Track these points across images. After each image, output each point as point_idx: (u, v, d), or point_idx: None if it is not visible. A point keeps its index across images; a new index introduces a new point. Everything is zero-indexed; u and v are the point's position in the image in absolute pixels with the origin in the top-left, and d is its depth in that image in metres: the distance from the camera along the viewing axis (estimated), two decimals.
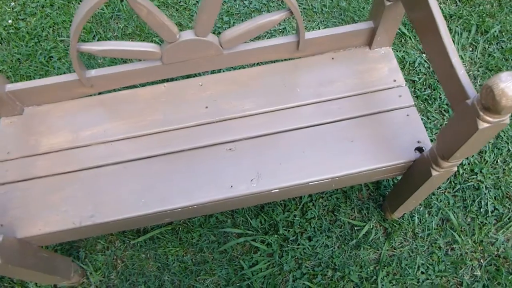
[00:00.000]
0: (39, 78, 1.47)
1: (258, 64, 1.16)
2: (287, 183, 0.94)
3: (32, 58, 1.53)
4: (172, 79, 1.08)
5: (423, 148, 0.96)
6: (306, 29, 1.57)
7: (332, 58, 1.08)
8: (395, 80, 1.05)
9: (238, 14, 1.62)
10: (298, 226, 1.23)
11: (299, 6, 1.61)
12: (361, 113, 1.01)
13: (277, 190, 0.94)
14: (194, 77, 1.08)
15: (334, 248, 1.21)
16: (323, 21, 1.58)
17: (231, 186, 0.94)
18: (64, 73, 1.49)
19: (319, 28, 1.56)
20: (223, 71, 1.10)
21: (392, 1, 0.94)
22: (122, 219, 0.92)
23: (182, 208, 0.93)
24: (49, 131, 1.03)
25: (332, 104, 1.02)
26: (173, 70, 1.03)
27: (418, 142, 0.97)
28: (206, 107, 1.03)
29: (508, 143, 1.33)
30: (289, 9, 0.92)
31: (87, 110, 1.06)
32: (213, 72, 1.08)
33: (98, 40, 1.56)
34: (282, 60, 1.09)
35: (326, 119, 1.00)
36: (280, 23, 1.58)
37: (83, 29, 1.58)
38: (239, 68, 1.25)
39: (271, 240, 1.21)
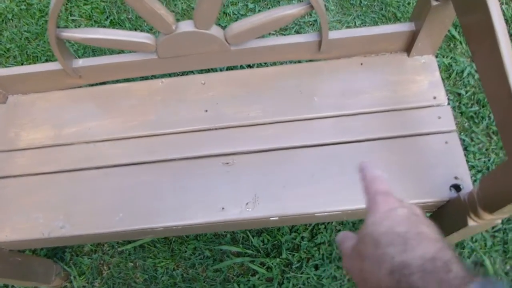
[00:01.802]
0: (45, 59, 1.37)
1: (272, 64, 1.00)
2: (289, 211, 0.78)
3: (41, 37, 1.43)
4: (171, 75, 0.94)
5: (461, 187, 0.78)
6: (340, 23, 1.38)
7: (361, 64, 0.91)
8: (435, 98, 0.86)
9: (265, 1, 1.45)
10: (304, 251, 1.08)
11: None
12: (389, 134, 0.83)
13: (276, 218, 0.79)
14: (196, 73, 0.93)
15: (343, 281, 1.05)
16: (360, 15, 1.39)
17: (223, 208, 0.79)
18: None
19: (355, 24, 1.37)
20: (231, 70, 0.94)
21: (440, 1, 0.75)
22: (94, 234, 0.80)
23: (164, 228, 0.80)
24: (31, 124, 0.92)
25: (354, 120, 0.85)
26: (171, 65, 0.89)
27: (456, 178, 0.79)
28: (206, 111, 0.89)
29: None
30: (309, 3, 0.75)
31: (74, 103, 0.94)
32: (219, 69, 0.93)
33: (111, 22, 1.44)
34: (301, 62, 0.93)
35: (344, 138, 0.84)
36: (310, 15, 1.40)
37: (96, 8, 1.46)
38: (250, 67, 1.10)
39: (272, 263, 1.06)
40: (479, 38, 0.65)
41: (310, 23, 1.40)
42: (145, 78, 0.95)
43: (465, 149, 1.16)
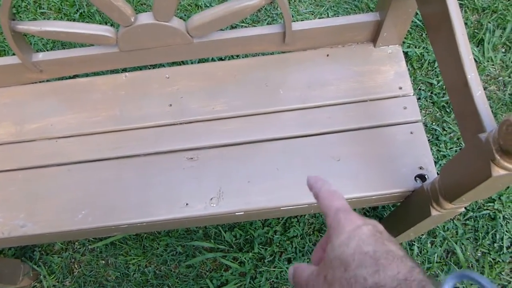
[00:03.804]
0: (13, 54, 1.33)
1: (238, 56, 0.99)
2: (254, 205, 0.77)
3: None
4: (135, 68, 0.92)
5: (426, 177, 0.78)
6: (312, 15, 1.37)
7: (327, 55, 0.90)
8: (401, 88, 0.86)
9: None
10: (277, 244, 1.07)
11: None
12: (354, 125, 0.83)
13: (242, 212, 0.78)
14: (161, 67, 0.92)
15: None
16: (333, 6, 1.38)
17: (187, 204, 0.78)
18: (41, 50, 1.35)
19: (328, 15, 1.36)
20: (197, 63, 0.93)
21: None
22: (56, 232, 0.79)
23: (128, 224, 0.79)
24: None
25: (320, 112, 0.84)
26: (133, 58, 0.87)
27: (421, 168, 0.78)
28: (170, 105, 0.87)
29: None
30: None
31: (36, 99, 0.91)
32: (183, 62, 0.91)
33: (80, 15, 1.41)
34: (268, 54, 0.91)
35: (309, 130, 0.83)
36: None
37: (66, 1, 1.43)
38: (221, 60, 1.08)
39: (245, 258, 1.06)
40: (437, 27, 0.64)
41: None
42: (109, 72, 0.92)
43: (436, 138, 1.16)
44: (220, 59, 1.12)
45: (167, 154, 0.83)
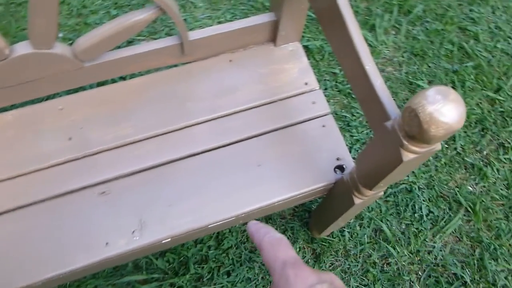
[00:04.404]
0: None
1: (140, 73, 0.93)
2: (179, 229, 0.73)
3: None
4: (23, 104, 0.82)
5: (344, 167, 0.79)
6: (210, 19, 1.35)
7: (230, 61, 0.88)
8: (306, 83, 0.86)
9: (129, 6, 1.36)
10: (213, 260, 1.04)
11: None
12: (268, 128, 0.82)
13: (168, 239, 0.74)
14: (51, 99, 0.83)
15: (258, 280, 1.03)
16: (229, 9, 1.37)
17: (107, 243, 0.72)
18: None
19: (226, 19, 1.35)
20: (91, 88, 0.85)
21: None
22: None
23: (43, 281, 0.70)
24: None
25: (232, 120, 0.82)
26: (17, 94, 0.77)
27: (338, 159, 0.80)
28: (70, 139, 0.79)
29: None
30: (159, 5, 0.69)
31: None
32: (76, 90, 0.84)
33: None
34: (169, 67, 0.87)
35: (225, 140, 0.80)
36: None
37: None
38: (117, 81, 1.02)
39: (183, 281, 1.01)
40: (330, 22, 0.65)
41: None
42: None
43: (347, 124, 1.20)
44: (122, 78, 1.05)
45: (75, 193, 0.75)
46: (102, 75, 0.81)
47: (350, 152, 1.16)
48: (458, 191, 1.15)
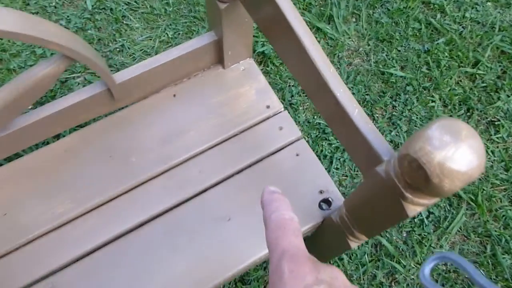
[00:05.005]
0: None
1: (69, 130, 0.78)
2: None
3: None
4: None
5: (330, 199, 0.67)
6: (151, 40, 1.19)
7: (174, 96, 0.74)
8: (268, 106, 0.73)
9: None
10: None
11: (135, 10, 1.23)
12: (232, 169, 0.68)
13: None
14: None
15: None
16: (170, 24, 1.22)
17: None
18: None
19: (167, 36, 1.20)
20: (8, 161, 0.70)
21: (228, 2, 0.61)
22: None
23: None
24: None
25: (187, 168, 0.68)
26: None
27: (321, 192, 0.67)
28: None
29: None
30: (64, 54, 0.55)
31: None
32: None
33: None
34: (109, 114, 0.72)
35: (183, 194, 0.66)
36: (115, 40, 1.18)
37: None
38: (41, 146, 0.86)
39: None
40: (277, 34, 0.52)
41: (118, 49, 1.18)
42: None
43: (323, 132, 1.08)
44: (46, 142, 0.89)
45: None
46: (19, 144, 0.66)
47: (331, 163, 1.04)
48: None
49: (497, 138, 1.10)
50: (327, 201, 0.67)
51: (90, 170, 0.68)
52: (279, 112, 0.73)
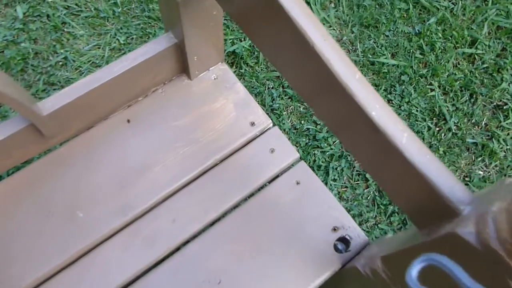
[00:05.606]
0: None
1: None
2: None
3: None
4: None
5: (348, 237, 0.51)
6: (99, 48, 1.00)
7: (128, 121, 0.56)
8: (253, 123, 0.57)
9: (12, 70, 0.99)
10: None
11: (77, 15, 1.03)
12: (215, 213, 0.52)
13: None
14: None
15: None
16: (121, 28, 1.03)
17: None
18: None
19: (119, 41, 1.01)
20: None
21: None
22: None
23: None
24: None
25: (156, 218, 0.51)
26: None
27: (335, 229, 0.51)
28: None
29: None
30: None
31: None
32: None
33: None
34: (44, 154, 0.54)
35: (155, 253, 0.49)
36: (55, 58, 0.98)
37: None
38: None
39: None
40: (263, 26, 0.35)
41: (60, 63, 0.99)
42: None
43: (314, 138, 0.92)
44: None
45: None
46: None
47: (327, 174, 0.89)
48: (469, 182, 0.91)
49: (507, 124, 0.97)
50: (344, 240, 0.51)
51: (22, 234, 0.50)
52: (267, 129, 0.56)
